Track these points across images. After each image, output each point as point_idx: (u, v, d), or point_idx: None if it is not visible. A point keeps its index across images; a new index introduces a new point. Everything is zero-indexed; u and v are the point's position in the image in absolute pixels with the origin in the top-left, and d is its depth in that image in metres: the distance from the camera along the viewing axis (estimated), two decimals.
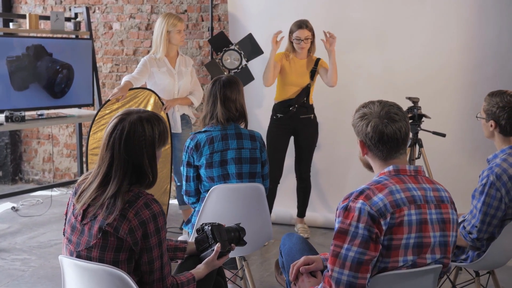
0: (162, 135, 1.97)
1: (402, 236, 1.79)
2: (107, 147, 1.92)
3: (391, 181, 1.85)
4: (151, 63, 4.29)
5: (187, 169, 2.95)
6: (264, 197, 2.90)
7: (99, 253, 1.87)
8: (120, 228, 1.84)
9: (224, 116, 2.93)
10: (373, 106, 1.92)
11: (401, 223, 1.78)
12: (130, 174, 1.90)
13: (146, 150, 1.92)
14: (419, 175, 1.92)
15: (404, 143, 1.91)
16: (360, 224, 1.76)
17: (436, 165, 4.25)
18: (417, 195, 1.84)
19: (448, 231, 1.89)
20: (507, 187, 2.60)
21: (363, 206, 1.77)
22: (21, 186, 6.04)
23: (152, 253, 1.90)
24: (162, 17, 4.30)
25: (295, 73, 4.29)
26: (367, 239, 1.75)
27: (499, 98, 2.67)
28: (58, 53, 4.75)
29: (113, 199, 1.87)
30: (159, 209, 1.90)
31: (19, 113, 4.31)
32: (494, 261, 2.77)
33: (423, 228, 1.82)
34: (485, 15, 4.43)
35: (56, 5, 5.95)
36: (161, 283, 1.96)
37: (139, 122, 1.92)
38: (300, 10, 4.68)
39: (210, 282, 2.26)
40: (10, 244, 4.34)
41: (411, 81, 4.56)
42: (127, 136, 1.90)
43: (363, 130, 1.91)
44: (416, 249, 1.82)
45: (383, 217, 1.76)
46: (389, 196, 1.79)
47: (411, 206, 1.81)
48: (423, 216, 1.83)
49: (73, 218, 1.96)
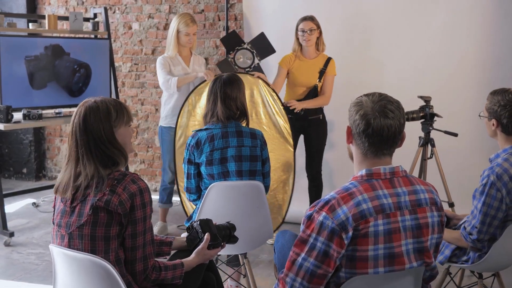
0: (121, 113, 2.08)
1: (367, 247, 1.72)
2: (71, 134, 2.07)
3: (360, 189, 1.76)
4: (166, 62, 4.33)
5: (188, 166, 2.99)
6: (263, 195, 2.90)
7: (90, 229, 1.98)
8: (111, 201, 1.97)
9: (225, 114, 2.95)
10: (372, 97, 1.83)
11: (366, 235, 1.71)
12: (98, 153, 2.02)
13: (103, 125, 2.03)
14: (396, 177, 1.82)
15: (389, 143, 1.80)
16: (320, 237, 1.71)
17: (449, 165, 4.18)
18: (387, 203, 1.75)
19: (425, 236, 1.80)
20: (508, 188, 2.54)
21: (325, 220, 1.71)
22: (44, 183, 6.19)
23: (136, 227, 2.00)
24: (176, 17, 4.36)
25: (304, 74, 4.27)
26: (324, 253, 1.71)
27: (500, 96, 2.62)
28: (76, 52, 4.85)
29: (101, 179, 1.99)
30: (145, 185, 2.05)
31: (36, 111, 4.43)
32: (496, 263, 2.71)
33: (393, 238, 1.74)
34: (502, 12, 4.34)
35: (78, 6, 6.07)
36: (142, 263, 2.04)
37: (94, 104, 2.06)
38: (315, 9, 4.66)
39: (198, 277, 2.28)
40: (28, 239, 4.46)
41: (425, 80, 4.51)
42: (84, 118, 2.04)
43: (352, 116, 1.83)
44: (388, 260, 1.74)
45: (345, 231, 1.70)
46: (353, 209, 1.71)
47: (378, 216, 1.73)
48: (392, 225, 1.75)
49: (62, 204, 2.06)
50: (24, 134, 6.32)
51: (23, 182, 6.32)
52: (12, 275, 3.74)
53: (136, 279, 2.05)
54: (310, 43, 4.23)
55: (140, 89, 5.92)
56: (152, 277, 2.08)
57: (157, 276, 2.09)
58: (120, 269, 2.00)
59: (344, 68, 4.41)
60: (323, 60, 4.29)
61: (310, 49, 4.27)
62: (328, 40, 4.36)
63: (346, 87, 4.38)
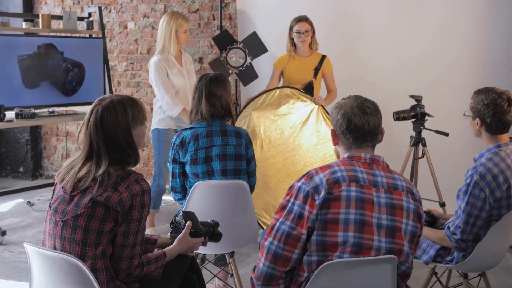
0: (137, 113, 2.11)
1: (338, 210, 1.84)
2: (86, 132, 2.08)
3: (338, 163, 1.93)
4: (163, 66, 4.17)
5: (173, 165, 2.98)
6: (248, 194, 2.90)
7: (85, 221, 2.00)
8: (111, 198, 1.99)
9: (209, 111, 2.94)
10: (349, 99, 2.02)
11: (338, 198, 1.84)
12: (111, 152, 2.04)
13: (120, 128, 2.05)
14: (376, 164, 1.96)
15: (371, 136, 1.97)
16: (296, 201, 1.88)
17: (440, 165, 4.16)
18: (362, 177, 1.89)
19: (398, 216, 1.89)
20: (491, 187, 2.53)
21: (302, 185, 1.89)
22: (40, 182, 6.20)
23: (130, 225, 2.02)
24: (170, 16, 4.21)
25: (298, 72, 4.29)
26: (299, 215, 1.85)
27: (484, 95, 2.60)
28: (70, 52, 4.85)
29: (106, 174, 2.01)
30: (148, 187, 2.06)
31: (29, 110, 4.43)
32: (481, 263, 2.69)
33: (366, 206, 1.85)
34: (496, 13, 4.32)
35: (74, 5, 6.08)
36: (127, 262, 2.05)
37: (111, 104, 2.07)
38: (310, 8, 4.65)
39: (179, 276, 2.28)
40: (20, 238, 4.47)
41: (418, 79, 4.50)
42: (101, 118, 2.05)
43: (334, 117, 2.01)
44: (358, 226, 1.84)
45: (317, 193, 1.85)
46: (329, 175, 1.88)
47: (351, 184, 1.87)
48: (366, 195, 1.86)
49: (62, 191, 2.08)
50: (21, 133, 6.34)
51: (19, 181, 6.35)
52: (1, 274, 3.75)
53: (118, 275, 2.06)
54: (306, 43, 4.27)
55: (136, 88, 5.92)
56: (134, 274, 2.08)
57: (140, 272, 2.10)
58: (104, 263, 2.01)
59: (336, 67, 4.41)
60: (317, 58, 4.33)
61: (304, 48, 4.29)
62: (321, 39, 4.36)
63: (338, 85, 4.37)
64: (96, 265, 1.99)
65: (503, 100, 2.57)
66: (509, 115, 2.58)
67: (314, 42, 4.32)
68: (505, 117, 2.58)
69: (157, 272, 2.16)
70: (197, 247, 2.38)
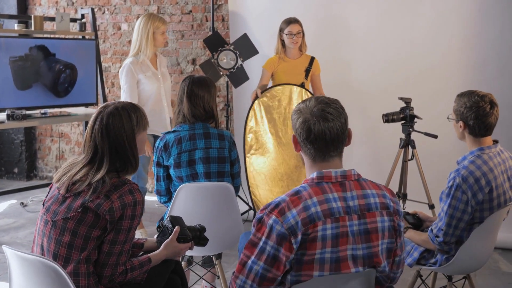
0: (140, 120, 2.14)
1: (315, 251, 1.71)
2: (90, 139, 2.09)
3: (310, 192, 1.76)
4: (135, 69, 4.12)
5: (157, 169, 2.99)
6: (233, 196, 2.90)
7: (74, 225, 2.01)
8: (101, 206, 2.00)
9: (190, 112, 2.94)
10: (309, 102, 1.82)
11: (314, 239, 1.70)
12: (114, 159, 2.07)
13: (126, 134, 2.09)
14: (348, 180, 1.80)
15: (334, 144, 1.79)
16: (270, 241, 1.72)
17: (430, 167, 4.17)
18: (336, 207, 1.74)
19: (374, 241, 1.78)
20: (473, 190, 2.53)
21: (274, 223, 1.71)
22: (35, 183, 6.21)
23: (118, 235, 2.03)
24: (147, 17, 4.15)
25: (289, 74, 4.30)
26: (273, 257, 1.71)
27: (467, 98, 2.61)
28: (62, 53, 4.86)
29: (101, 181, 2.02)
30: (141, 198, 2.06)
31: (20, 112, 4.45)
32: (464, 266, 2.70)
33: (340, 242, 1.73)
34: (486, 14, 4.32)
35: (68, 7, 6.10)
36: (111, 269, 2.05)
37: (116, 110, 2.10)
38: (300, 10, 4.67)
39: (162, 279, 2.28)
40: (12, 238, 4.48)
41: (407, 81, 4.50)
42: (106, 125, 2.07)
43: (294, 124, 1.83)
44: (334, 264, 1.74)
45: (294, 235, 1.70)
46: (302, 213, 1.71)
47: (326, 220, 1.72)
48: (341, 229, 1.74)
49: (57, 190, 2.10)
50: (15, 134, 6.35)
51: (14, 182, 6.35)
52: None
53: (101, 281, 2.07)
54: (297, 45, 4.29)
55: None
56: (117, 280, 2.09)
57: (123, 278, 2.11)
58: (87, 268, 2.01)
59: (324, 69, 4.42)
60: (307, 59, 4.36)
61: (294, 50, 4.31)
62: (309, 41, 4.37)
63: (327, 88, 4.38)
64: (78, 269, 2.01)
65: (485, 102, 2.57)
66: (492, 118, 2.59)
67: (303, 44, 4.35)
68: (488, 120, 2.58)
69: (140, 277, 2.17)
70: (184, 252, 2.39)
